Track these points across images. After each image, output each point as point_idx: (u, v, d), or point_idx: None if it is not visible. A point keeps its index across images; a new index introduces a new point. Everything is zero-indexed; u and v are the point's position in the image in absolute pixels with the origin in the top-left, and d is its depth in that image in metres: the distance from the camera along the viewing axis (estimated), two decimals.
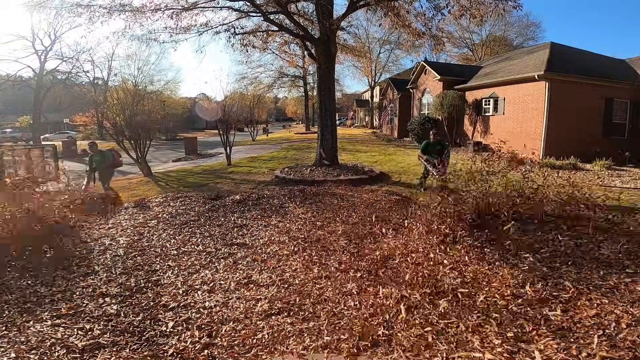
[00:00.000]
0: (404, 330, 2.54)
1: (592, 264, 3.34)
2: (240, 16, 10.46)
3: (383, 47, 35.60)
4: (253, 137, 25.67)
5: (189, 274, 3.75)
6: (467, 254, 3.69)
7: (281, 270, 3.74)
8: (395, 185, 8.45)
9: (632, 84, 13.65)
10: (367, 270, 3.63)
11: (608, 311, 2.58)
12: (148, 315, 2.93)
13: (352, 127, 44.15)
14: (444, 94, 16.76)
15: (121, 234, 5.10)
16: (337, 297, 3.12)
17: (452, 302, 2.87)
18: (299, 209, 6.11)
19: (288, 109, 59.43)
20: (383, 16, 10.33)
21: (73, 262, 4.03)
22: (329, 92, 10.65)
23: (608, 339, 2.29)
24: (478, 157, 6.16)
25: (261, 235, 4.88)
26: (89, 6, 9.59)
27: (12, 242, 4.24)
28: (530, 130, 12.98)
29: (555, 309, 2.65)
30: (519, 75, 13.49)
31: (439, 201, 4.72)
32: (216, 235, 4.93)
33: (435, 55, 27.71)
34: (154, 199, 7.30)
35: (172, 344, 2.53)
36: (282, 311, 2.92)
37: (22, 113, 38.33)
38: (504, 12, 9.04)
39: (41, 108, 32.14)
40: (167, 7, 9.62)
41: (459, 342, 2.39)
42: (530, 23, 37.25)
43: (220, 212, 6.10)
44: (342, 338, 2.52)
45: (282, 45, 16.12)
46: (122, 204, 7.02)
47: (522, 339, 2.36)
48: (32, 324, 2.77)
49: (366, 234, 4.73)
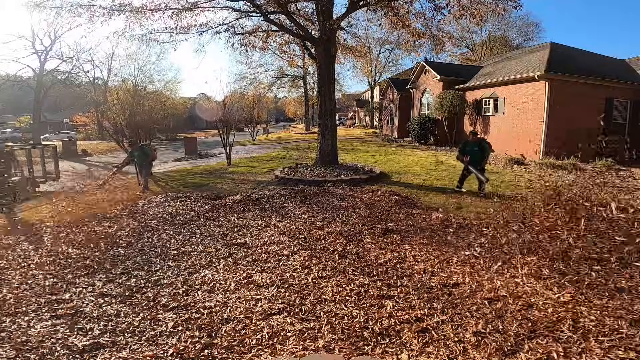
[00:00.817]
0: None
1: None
2: (240, 16, 10.47)
3: (383, 47, 35.59)
4: (253, 137, 25.67)
5: (188, 274, 3.75)
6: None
7: (281, 270, 3.74)
8: (396, 185, 8.45)
9: (632, 84, 13.66)
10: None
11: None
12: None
13: (352, 127, 44.18)
14: (444, 94, 16.76)
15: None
16: (337, 297, 3.12)
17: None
18: (298, 208, 6.11)
19: (288, 109, 59.41)
20: (383, 16, 10.33)
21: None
22: (329, 92, 10.65)
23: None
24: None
25: (261, 235, 4.88)
26: (89, 6, 9.61)
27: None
28: (530, 131, 12.98)
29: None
30: (519, 75, 13.48)
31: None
32: (216, 235, 4.93)
33: (435, 55, 27.80)
34: (154, 198, 7.31)
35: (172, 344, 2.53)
36: (282, 311, 2.93)
37: (22, 113, 38.33)
38: (504, 12, 9.04)
39: (41, 108, 32.12)
40: (167, 7, 9.63)
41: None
42: (530, 23, 37.32)
43: (221, 212, 6.10)
44: (341, 338, 2.53)
45: (282, 45, 16.15)
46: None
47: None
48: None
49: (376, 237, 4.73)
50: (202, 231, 5.13)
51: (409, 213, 5.81)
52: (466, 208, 6.24)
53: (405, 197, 7.05)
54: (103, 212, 6.22)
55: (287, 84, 38.69)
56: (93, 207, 6.44)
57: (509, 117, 14.16)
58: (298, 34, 10.78)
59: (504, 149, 14.09)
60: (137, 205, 6.84)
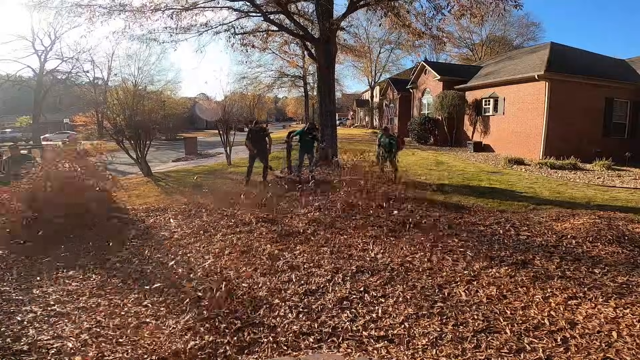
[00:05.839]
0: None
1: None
2: (240, 16, 10.45)
3: (383, 47, 35.50)
4: None
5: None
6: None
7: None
8: None
9: (632, 83, 13.65)
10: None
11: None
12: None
13: (352, 127, 44.15)
14: (444, 94, 16.76)
15: None
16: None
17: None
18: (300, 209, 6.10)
19: (288, 109, 59.37)
20: (383, 16, 10.31)
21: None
22: (329, 92, 10.63)
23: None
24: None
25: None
26: (89, 6, 9.58)
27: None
28: (530, 130, 12.98)
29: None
30: (519, 75, 13.48)
31: None
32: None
33: (435, 55, 27.85)
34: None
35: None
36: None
37: (22, 113, 38.29)
38: (504, 12, 9.01)
39: (41, 108, 32.09)
40: (167, 7, 9.62)
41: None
42: (530, 23, 37.26)
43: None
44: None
45: (282, 45, 16.14)
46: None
47: None
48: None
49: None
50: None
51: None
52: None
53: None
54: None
55: (287, 84, 38.58)
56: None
57: (509, 117, 14.16)
58: (298, 34, 10.77)
59: (504, 149, 14.10)
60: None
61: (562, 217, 5.20)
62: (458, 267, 3.63)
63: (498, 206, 6.23)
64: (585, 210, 5.65)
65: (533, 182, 8.68)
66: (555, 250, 4.03)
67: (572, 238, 4.32)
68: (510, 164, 11.38)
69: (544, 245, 4.19)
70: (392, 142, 8.46)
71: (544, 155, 12.03)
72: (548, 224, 4.96)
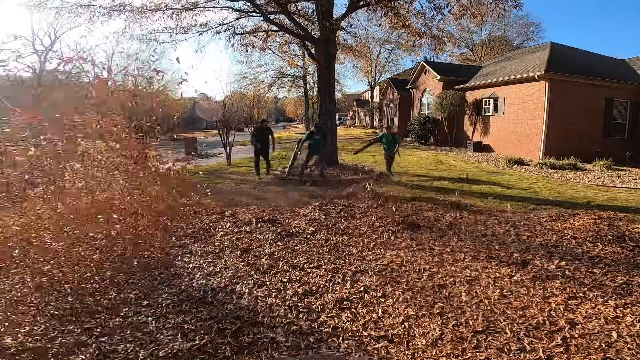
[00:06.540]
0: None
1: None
2: (240, 16, 10.46)
3: (383, 47, 35.49)
4: None
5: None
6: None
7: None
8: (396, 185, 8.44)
9: (632, 83, 13.66)
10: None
11: None
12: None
13: (352, 127, 44.19)
14: (444, 94, 16.76)
15: None
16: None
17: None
18: (300, 209, 6.10)
19: (288, 109, 59.32)
20: (383, 16, 10.32)
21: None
22: (329, 92, 10.64)
23: None
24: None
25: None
26: (89, 6, 9.59)
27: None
28: (530, 130, 12.98)
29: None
30: (519, 75, 13.49)
31: None
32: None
33: (435, 55, 27.85)
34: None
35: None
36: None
37: None
38: (504, 12, 9.02)
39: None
40: (167, 7, 9.63)
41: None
42: (530, 23, 37.26)
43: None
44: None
45: (282, 45, 16.11)
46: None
47: None
48: None
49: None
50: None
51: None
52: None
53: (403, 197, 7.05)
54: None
55: (287, 84, 38.58)
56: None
57: (509, 117, 14.16)
58: (298, 34, 10.78)
59: (504, 149, 14.11)
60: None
61: (562, 217, 5.21)
62: (458, 267, 3.63)
63: (498, 206, 6.23)
64: (585, 210, 5.65)
65: (533, 182, 8.68)
66: (555, 250, 4.04)
67: (572, 238, 4.33)
68: (510, 164, 11.38)
69: (544, 245, 4.20)
70: (395, 138, 9.47)
71: (544, 155, 12.03)
72: (548, 224, 4.97)
